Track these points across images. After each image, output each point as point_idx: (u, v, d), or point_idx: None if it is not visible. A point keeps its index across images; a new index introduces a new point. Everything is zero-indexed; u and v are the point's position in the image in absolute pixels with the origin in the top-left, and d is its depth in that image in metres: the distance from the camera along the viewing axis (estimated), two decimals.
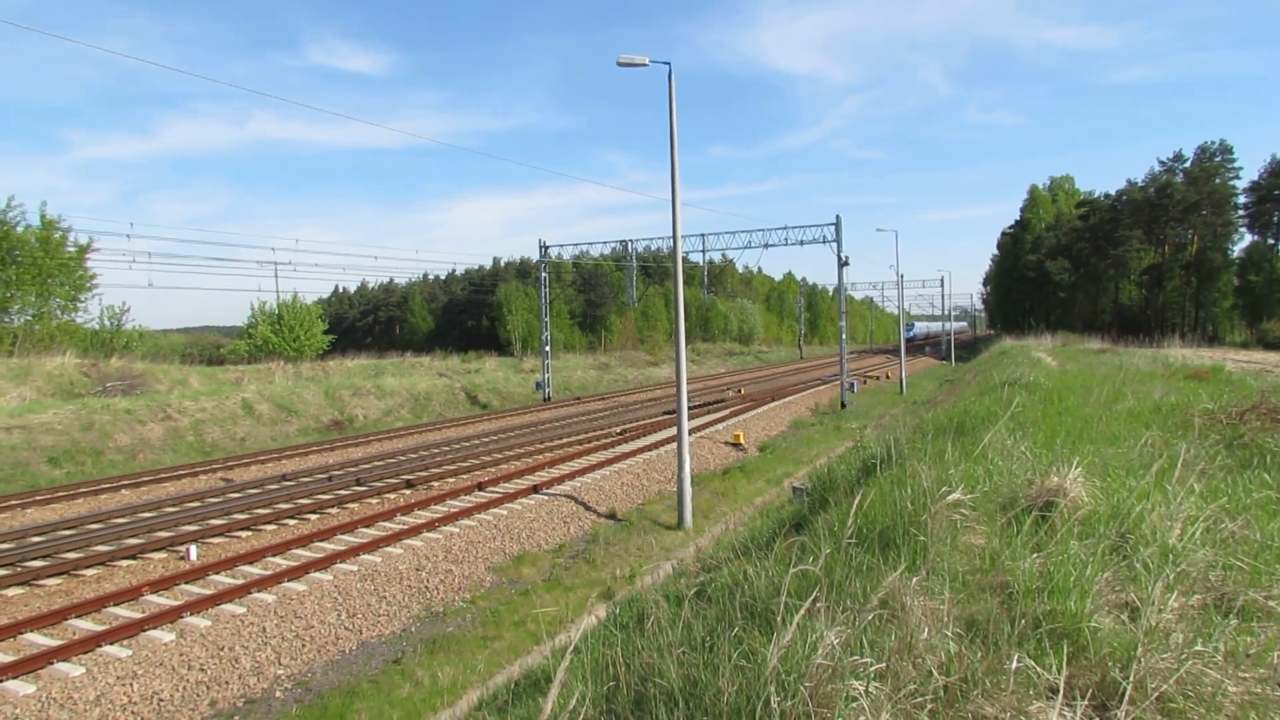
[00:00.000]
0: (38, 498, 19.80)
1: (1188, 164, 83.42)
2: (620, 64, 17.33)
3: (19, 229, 41.59)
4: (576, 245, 54.62)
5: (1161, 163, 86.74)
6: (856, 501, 6.41)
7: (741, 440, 28.72)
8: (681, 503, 18.34)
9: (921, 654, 4.10)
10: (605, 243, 52.09)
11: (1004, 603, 5.13)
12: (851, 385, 43.37)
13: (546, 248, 52.83)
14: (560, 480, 20.98)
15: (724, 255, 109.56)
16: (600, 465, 22.98)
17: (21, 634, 11.40)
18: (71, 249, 43.44)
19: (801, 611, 3.99)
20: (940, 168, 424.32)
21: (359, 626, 12.62)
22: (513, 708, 8.62)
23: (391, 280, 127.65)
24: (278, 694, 10.73)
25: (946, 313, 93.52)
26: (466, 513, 17.63)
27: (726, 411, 35.33)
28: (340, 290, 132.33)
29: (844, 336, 44.68)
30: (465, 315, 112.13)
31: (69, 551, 15.03)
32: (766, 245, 47.31)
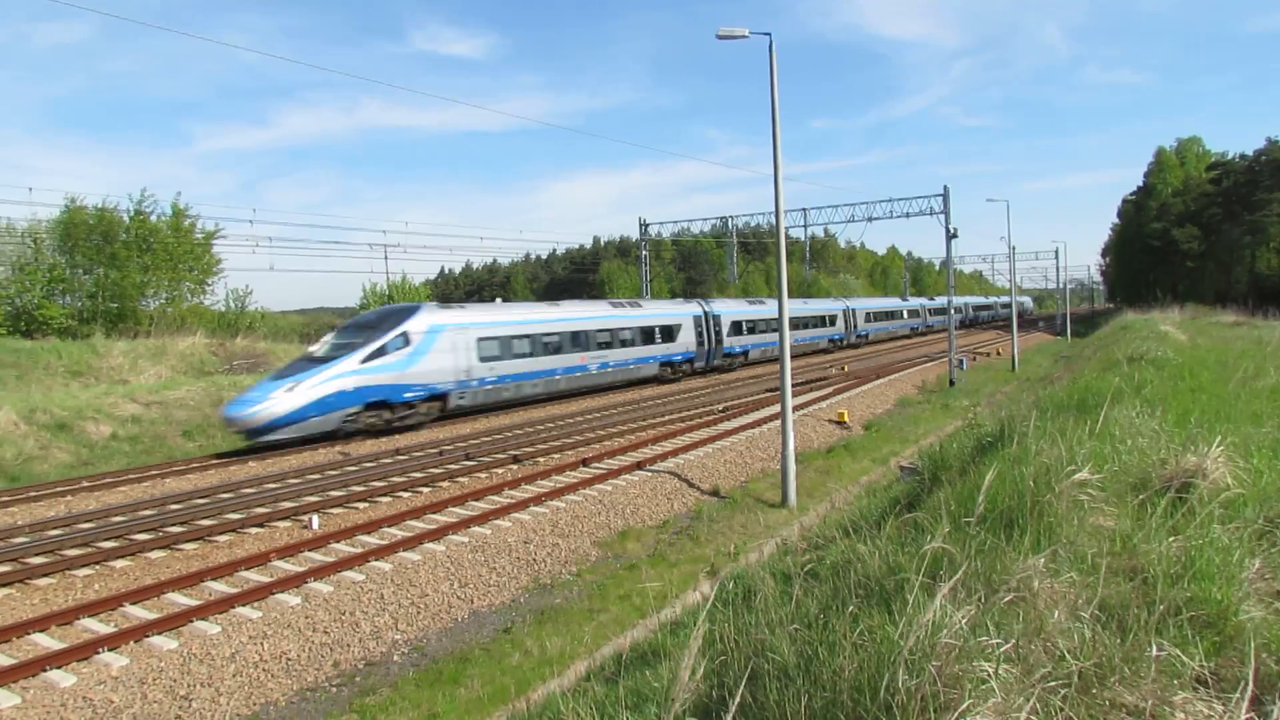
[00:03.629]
0: (175, 468, 21.12)
1: None
2: (720, 37, 17.09)
3: (153, 219, 44.23)
4: (676, 223, 54.51)
5: None
6: (987, 480, 6.18)
7: (845, 418, 28.22)
8: (785, 480, 18.16)
9: (1052, 637, 3.93)
10: (705, 220, 51.83)
11: (1138, 588, 4.87)
12: (960, 362, 42.00)
13: (646, 225, 52.84)
14: (663, 457, 21.07)
15: (826, 230, 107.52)
16: (702, 443, 22.95)
17: (164, 594, 12.19)
18: (199, 236, 45.94)
19: (944, 591, 3.87)
20: (1056, 133, 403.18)
21: (470, 596, 13.01)
22: (622, 679, 8.73)
23: (494, 260, 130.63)
24: (395, 658, 11.17)
25: (1062, 285, 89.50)
26: (572, 488, 17.91)
27: (830, 389, 34.74)
28: (446, 271, 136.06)
29: (952, 312, 43.26)
30: (566, 294, 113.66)
31: (204, 519, 15.98)
32: (870, 219, 46.22)
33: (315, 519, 15.64)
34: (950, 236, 40.25)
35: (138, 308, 42.88)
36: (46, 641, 10.70)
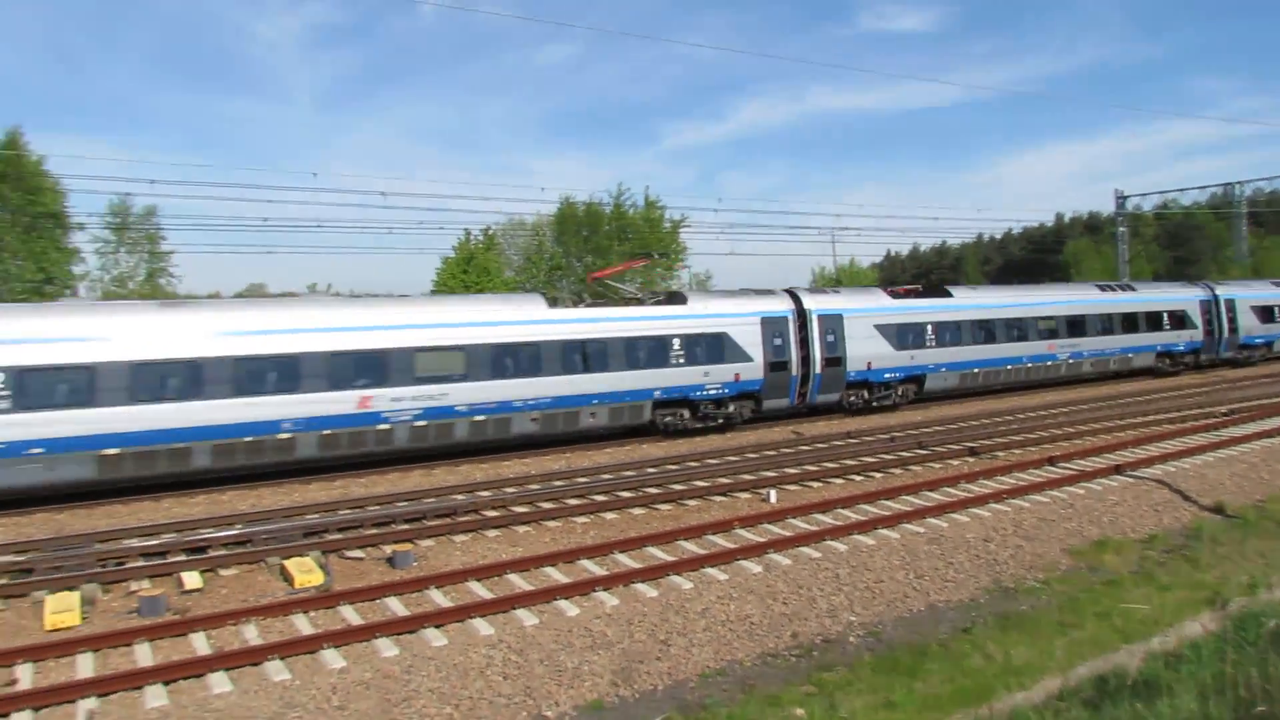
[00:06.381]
0: (651, 437, 23.64)
1: None
2: None
3: (629, 212, 49.93)
4: (1161, 193, 47.48)
5: None
6: None
7: None
8: None
9: None
10: (1201, 188, 44.59)
11: None
12: None
13: (1124, 198, 46.92)
14: (1148, 462, 18.46)
15: None
16: (1200, 449, 19.64)
17: (645, 547, 13.70)
18: (667, 225, 50.77)
19: None
20: None
21: (926, 588, 12.66)
22: (1105, 707, 7.86)
23: (944, 243, 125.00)
24: (851, 639, 11.29)
25: None
26: (1036, 487, 16.52)
27: None
28: (892, 254, 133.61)
29: None
30: (1024, 277, 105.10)
31: (675, 483, 17.68)
32: None
33: (773, 494, 16.42)
34: None
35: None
36: (556, 575, 12.63)
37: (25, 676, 9.53)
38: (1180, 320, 36.14)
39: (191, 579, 12.49)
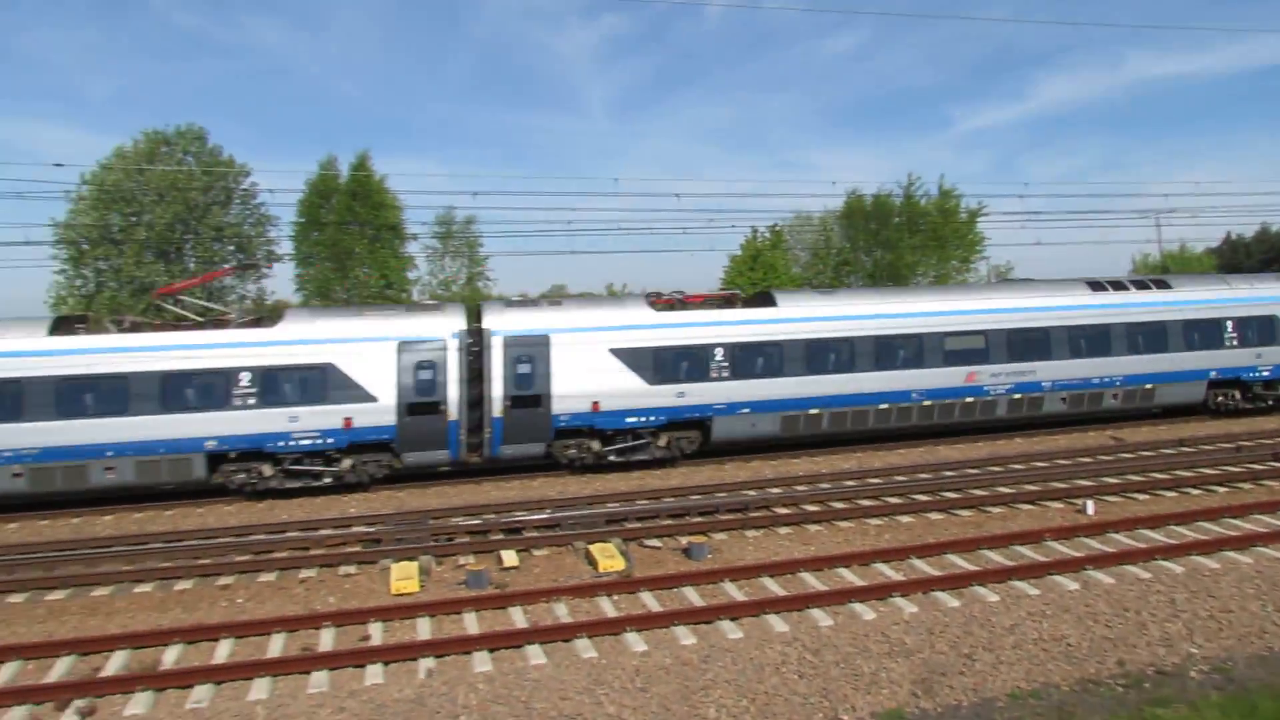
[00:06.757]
0: (948, 439, 22.48)
1: None
2: None
3: (921, 202, 47.61)
4: None
5: None
6: None
7: None
8: None
9: None
10: None
11: None
12: None
13: None
14: None
15: None
16: None
17: (944, 554, 13.05)
18: (963, 215, 47.79)
19: None
20: None
21: None
22: None
23: None
24: (1192, 674, 9.96)
25: None
26: None
27: None
28: (1234, 237, 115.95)
29: None
30: None
31: (976, 489, 16.63)
32: None
33: (1090, 504, 14.94)
34: None
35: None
36: (850, 577, 12.38)
37: (375, 634, 11.04)
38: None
39: (509, 557, 13.75)
